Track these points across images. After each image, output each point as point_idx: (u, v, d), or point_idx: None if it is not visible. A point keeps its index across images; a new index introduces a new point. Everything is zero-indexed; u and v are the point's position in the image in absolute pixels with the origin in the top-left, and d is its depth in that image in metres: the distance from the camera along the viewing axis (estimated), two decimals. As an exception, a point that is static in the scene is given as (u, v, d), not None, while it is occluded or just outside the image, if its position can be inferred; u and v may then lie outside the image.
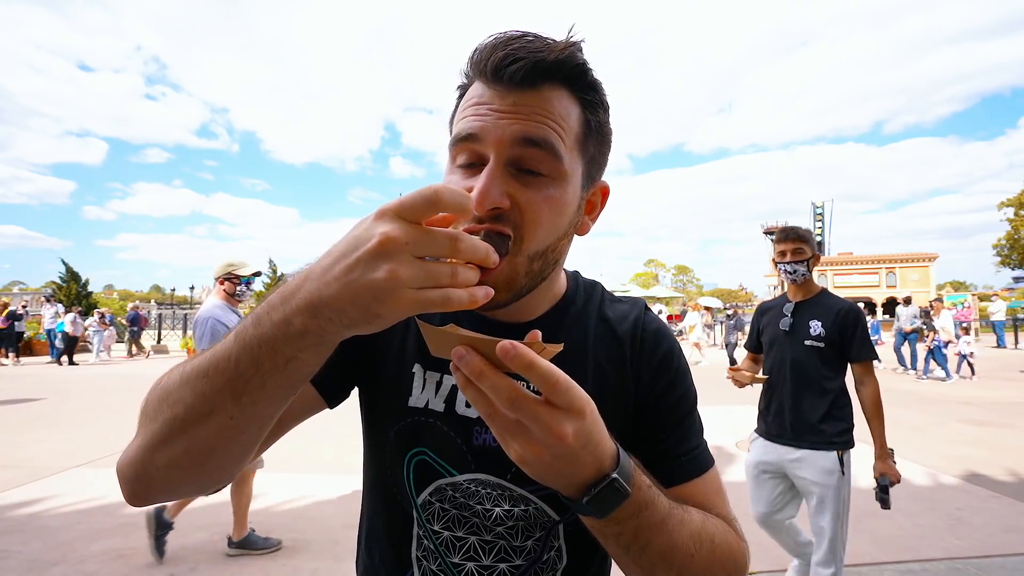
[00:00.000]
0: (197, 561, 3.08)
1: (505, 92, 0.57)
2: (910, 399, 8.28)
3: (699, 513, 0.62)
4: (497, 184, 0.56)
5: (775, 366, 2.61)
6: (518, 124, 0.56)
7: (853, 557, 3.09)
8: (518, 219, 0.58)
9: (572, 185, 0.61)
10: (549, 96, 0.58)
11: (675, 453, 0.70)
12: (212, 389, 0.46)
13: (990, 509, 3.81)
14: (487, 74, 0.58)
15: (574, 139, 0.61)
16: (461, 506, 0.68)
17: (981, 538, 3.33)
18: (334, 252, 0.41)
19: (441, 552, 0.69)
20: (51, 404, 7.94)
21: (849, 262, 32.42)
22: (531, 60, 0.56)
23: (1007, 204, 34.16)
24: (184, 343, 16.48)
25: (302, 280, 0.42)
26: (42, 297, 23.64)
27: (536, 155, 0.57)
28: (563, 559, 0.70)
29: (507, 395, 0.41)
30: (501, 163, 0.57)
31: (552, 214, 0.59)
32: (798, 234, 2.54)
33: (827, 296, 2.57)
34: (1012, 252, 34.24)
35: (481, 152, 0.58)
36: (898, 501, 3.97)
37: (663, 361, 0.73)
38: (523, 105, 0.57)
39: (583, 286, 0.79)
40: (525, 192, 0.57)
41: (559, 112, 0.59)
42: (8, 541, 3.33)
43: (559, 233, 0.62)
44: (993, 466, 4.76)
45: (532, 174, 0.58)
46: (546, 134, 0.57)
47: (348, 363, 0.73)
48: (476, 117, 0.58)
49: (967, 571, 2.93)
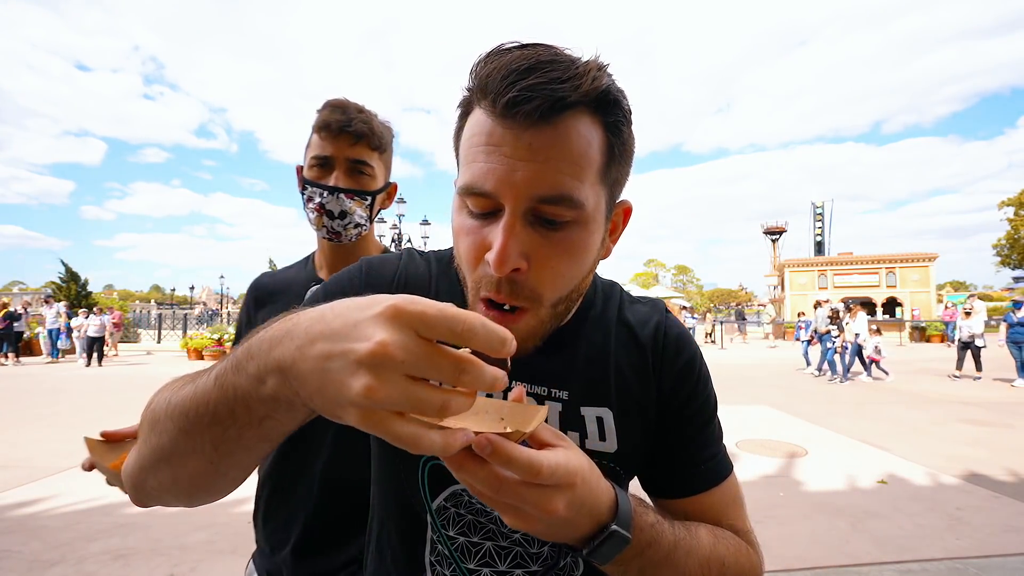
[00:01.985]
0: (197, 561, 3.08)
1: (519, 131, 0.51)
2: (910, 399, 8.28)
3: (709, 534, 0.62)
4: (516, 243, 0.52)
5: None
6: (534, 177, 0.51)
7: (853, 557, 3.09)
8: (533, 277, 0.54)
9: (596, 222, 0.57)
10: (568, 130, 0.52)
11: (695, 461, 0.69)
12: (192, 430, 0.45)
13: (990, 509, 3.80)
14: (497, 108, 0.51)
15: (596, 172, 0.55)
16: (477, 511, 0.67)
17: (981, 538, 3.32)
18: (327, 318, 0.37)
19: (456, 558, 0.67)
20: (51, 404, 7.93)
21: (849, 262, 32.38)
22: (552, 98, 0.49)
23: (1007, 204, 34.15)
24: (184, 343, 16.45)
25: (286, 331, 0.39)
26: (42, 297, 23.63)
27: (555, 209, 0.53)
28: (580, 565, 0.68)
29: (490, 485, 0.42)
30: (518, 216, 0.52)
31: (574, 262, 0.56)
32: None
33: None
34: (1012, 252, 34.22)
35: (495, 204, 0.54)
36: (898, 501, 3.96)
37: (685, 368, 0.71)
38: (542, 147, 0.51)
39: (601, 288, 0.77)
40: (545, 247, 0.54)
41: (580, 148, 0.52)
42: (8, 541, 3.33)
43: (583, 274, 0.59)
44: (993, 466, 4.75)
45: (552, 224, 0.54)
46: (564, 188, 0.52)
47: None
48: (487, 164, 0.52)
49: (967, 571, 2.92)
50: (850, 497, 4.05)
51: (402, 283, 0.72)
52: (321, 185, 1.13)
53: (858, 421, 6.59)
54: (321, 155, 1.14)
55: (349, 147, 1.13)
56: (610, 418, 0.67)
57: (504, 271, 0.52)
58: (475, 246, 0.55)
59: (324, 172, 1.15)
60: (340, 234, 1.16)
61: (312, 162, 1.15)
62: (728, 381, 9.60)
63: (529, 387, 0.67)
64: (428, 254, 0.77)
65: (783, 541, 3.26)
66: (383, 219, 13.92)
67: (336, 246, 1.20)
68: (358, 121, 1.13)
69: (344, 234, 1.16)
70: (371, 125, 1.15)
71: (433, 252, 0.78)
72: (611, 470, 0.67)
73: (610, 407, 0.68)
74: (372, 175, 1.18)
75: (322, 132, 1.13)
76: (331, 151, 1.13)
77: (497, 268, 0.52)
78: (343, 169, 1.15)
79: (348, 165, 1.15)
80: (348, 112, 1.14)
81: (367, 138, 1.14)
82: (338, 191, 1.13)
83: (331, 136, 1.13)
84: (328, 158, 1.14)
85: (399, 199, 14.05)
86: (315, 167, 1.15)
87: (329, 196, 1.13)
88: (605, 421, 0.67)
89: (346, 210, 1.14)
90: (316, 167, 1.15)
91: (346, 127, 1.12)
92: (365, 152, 1.16)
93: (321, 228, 1.16)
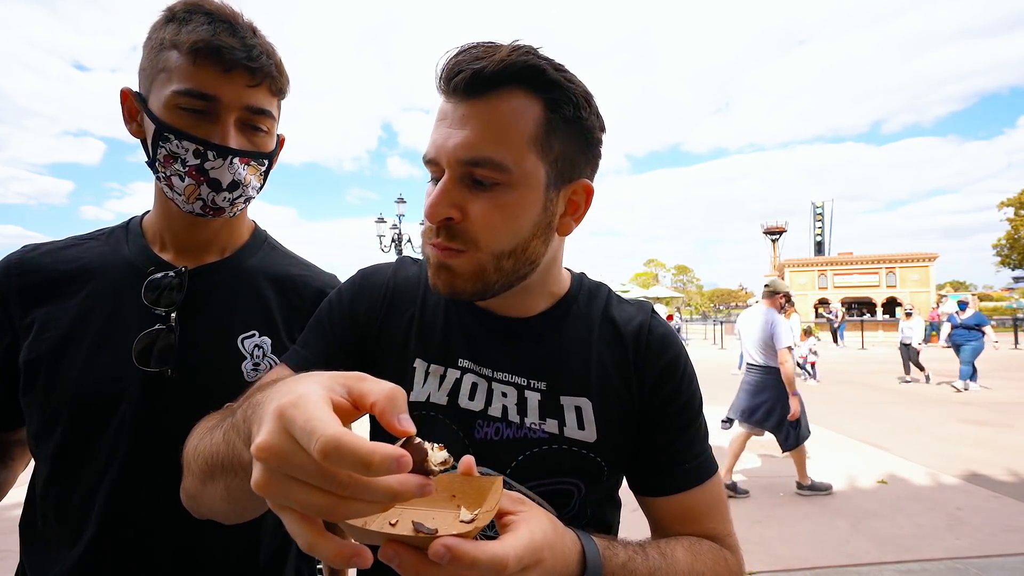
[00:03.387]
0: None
1: (457, 103, 0.61)
2: (911, 399, 8.28)
3: (686, 554, 0.64)
4: (446, 198, 0.61)
5: None
6: (461, 142, 0.60)
7: (853, 557, 3.09)
8: (469, 227, 0.62)
9: (529, 187, 0.63)
10: (498, 103, 0.60)
11: (680, 459, 0.71)
12: (210, 477, 0.52)
13: (990, 509, 3.80)
14: (441, 87, 0.62)
15: (528, 140, 0.61)
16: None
17: (981, 538, 3.33)
18: (276, 397, 0.38)
19: None
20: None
21: (849, 262, 32.39)
22: (471, 70, 0.59)
23: (1007, 204, 34.18)
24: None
25: (260, 402, 0.41)
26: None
27: (480, 171, 0.61)
28: None
29: None
30: (454, 178, 0.61)
31: (506, 218, 0.62)
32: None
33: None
34: (1012, 252, 34.25)
35: (441, 167, 0.63)
36: (898, 501, 3.97)
37: (669, 366, 0.73)
38: (471, 116, 0.60)
39: (587, 287, 0.80)
40: (476, 202, 0.62)
41: (506, 119, 0.60)
42: (8, 541, 3.31)
43: (524, 234, 0.64)
44: (993, 466, 4.75)
45: (483, 184, 0.61)
46: (486, 152, 0.60)
47: (345, 354, 0.74)
48: (434, 135, 0.63)
49: (967, 571, 2.92)
50: (850, 497, 4.05)
51: (391, 291, 0.76)
52: (204, 142, 0.77)
53: (858, 421, 6.59)
54: (197, 91, 0.75)
55: (244, 89, 0.78)
56: (589, 408, 0.69)
57: (434, 219, 0.61)
58: (426, 205, 0.64)
59: (202, 121, 0.77)
60: (224, 210, 0.83)
61: (177, 99, 0.76)
62: (729, 381, 9.61)
63: (508, 376, 0.70)
64: (421, 260, 0.81)
65: (783, 541, 3.27)
66: (383, 219, 13.89)
67: (201, 223, 0.86)
68: (258, 51, 0.78)
69: (229, 210, 0.84)
70: (274, 58, 0.82)
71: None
72: (593, 462, 0.68)
73: (589, 397, 0.70)
74: (270, 131, 0.85)
75: (199, 56, 0.75)
76: (216, 91, 0.76)
77: (428, 216, 0.62)
78: (235, 120, 0.79)
79: (243, 115, 0.80)
80: (240, 32, 0.78)
81: (271, 79, 0.81)
82: (233, 152, 0.79)
83: (216, 68, 0.76)
84: (211, 99, 0.76)
85: (399, 199, 14.00)
86: (185, 111, 0.76)
87: (217, 158, 0.78)
88: (584, 411, 0.69)
89: (239, 180, 0.81)
90: (187, 112, 0.76)
91: (243, 59, 0.76)
92: (266, 98, 0.82)
93: (194, 200, 0.80)
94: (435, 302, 0.76)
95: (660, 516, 0.72)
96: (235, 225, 0.92)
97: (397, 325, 0.74)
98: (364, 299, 0.76)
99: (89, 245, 0.88)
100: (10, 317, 0.81)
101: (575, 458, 0.68)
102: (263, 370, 0.85)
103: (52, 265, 0.83)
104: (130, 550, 0.79)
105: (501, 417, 0.69)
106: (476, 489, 0.47)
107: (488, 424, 0.69)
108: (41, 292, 0.82)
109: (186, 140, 0.76)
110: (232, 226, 0.91)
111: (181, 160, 0.77)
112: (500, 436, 0.68)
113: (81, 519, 0.78)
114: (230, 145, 0.78)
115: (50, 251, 0.86)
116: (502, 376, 0.71)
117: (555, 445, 0.68)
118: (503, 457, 0.68)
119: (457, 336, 0.73)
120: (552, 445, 0.68)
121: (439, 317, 0.74)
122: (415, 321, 0.74)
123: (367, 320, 0.74)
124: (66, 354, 0.79)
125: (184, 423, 0.73)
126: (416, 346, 0.73)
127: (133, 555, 0.79)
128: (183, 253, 0.87)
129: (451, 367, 0.71)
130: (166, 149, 0.77)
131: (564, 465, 0.68)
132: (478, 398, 0.70)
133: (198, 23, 0.76)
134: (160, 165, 0.79)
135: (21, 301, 0.81)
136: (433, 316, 0.75)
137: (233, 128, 0.79)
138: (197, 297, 0.84)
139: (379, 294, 0.76)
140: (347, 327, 0.74)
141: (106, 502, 0.77)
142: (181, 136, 0.76)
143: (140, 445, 0.78)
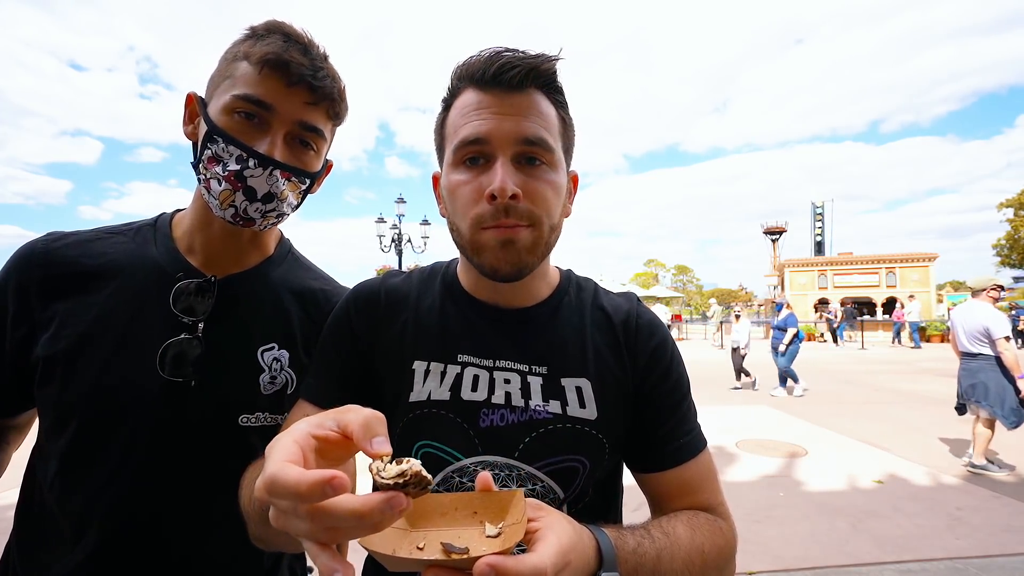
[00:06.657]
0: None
1: (503, 95, 0.68)
2: (911, 399, 8.29)
3: (686, 528, 0.67)
4: (511, 177, 0.67)
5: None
6: (519, 125, 0.68)
7: (853, 557, 3.09)
8: (530, 202, 0.68)
9: (561, 170, 0.73)
10: (535, 98, 0.70)
11: (674, 435, 0.76)
12: (259, 521, 0.58)
13: (990, 509, 3.80)
14: (486, 80, 0.69)
15: (556, 133, 0.72)
16: (469, 490, 0.70)
17: (981, 538, 3.33)
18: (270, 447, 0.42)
19: None
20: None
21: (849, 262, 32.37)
22: (525, 67, 0.68)
23: (1007, 204, 34.16)
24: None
25: (269, 450, 0.44)
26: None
27: (536, 150, 0.69)
28: None
29: None
30: (509, 158, 0.68)
31: (553, 194, 0.71)
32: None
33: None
34: (1012, 252, 34.25)
35: (488, 152, 0.68)
36: (898, 501, 3.97)
37: (658, 348, 0.79)
38: (520, 106, 0.68)
39: (575, 281, 0.86)
40: (530, 181, 0.69)
41: (544, 110, 0.71)
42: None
43: (560, 211, 0.74)
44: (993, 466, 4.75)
45: (534, 163, 0.70)
46: (540, 131, 0.69)
47: (357, 375, 0.77)
48: (481, 121, 0.68)
49: (967, 571, 2.93)
50: (850, 497, 4.05)
51: (383, 302, 0.81)
52: (248, 149, 0.77)
53: (858, 421, 6.59)
54: (255, 98, 0.77)
55: (302, 106, 0.80)
56: (588, 388, 0.74)
57: (506, 196, 0.65)
58: (473, 190, 0.69)
59: (254, 129, 0.78)
60: (254, 221, 0.82)
61: (235, 103, 0.77)
62: (728, 381, 9.60)
63: (511, 364, 0.74)
64: (412, 271, 0.88)
65: (783, 541, 3.27)
66: (383, 219, 13.88)
67: (235, 232, 0.86)
68: (324, 74, 0.81)
69: (259, 223, 0.83)
70: (338, 84, 0.84)
71: (417, 268, 0.91)
72: (595, 439, 0.73)
73: (588, 378, 0.75)
74: (319, 152, 0.86)
75: (266, 67, 0.77)
76: (275, 101, 0.78)
77: (500, 194, 0.65)
78: (286, 133, 0.80)
79: (294, 130, 0.81)
80: (311, 54, 0.80)
81: (331, 102, 0.83)
82: (275, 165, 0.78)
83: (280, 80, 0.77)
84: (268, 108, 0.78)
85: (399, 199, 13.99)
86: (240, 116, 0.77)
87: (258, 167, 0.78)
88: (584, 390, 0.74)
89: (276, 193, 0.80)
90: (241, 117, 0.77)
91: (308, 76, 0.78)
92: (321, 118, 0.83)
93: (227, 207, 0.79)
94: (429, 304, 0.80)
95: (659, 491, 0.77)
96: (266, 235, 0.94)
97: (393, 333, 0.78)
98: (360, 316, 0.80)
99: (116, 240, 0.86)
100: (29, 309, 0.80)
101: (579, 435, 0.72)
102: (279, 384, 0.87)
103: (77, 259, 0.82)
104: (138, 554, 0.79)
105: (505, 404, 0.73)
106: (496, 503, 0.48)
107: (493, 412, 0.72)
108: (64, 285, 0.80)
109: (232, 145, 0.77)
110: (263, 236, 0.93)
111: (223, 164, 0.78)
112: (505, 422, 0.72)
113: (87, 518, 0.78)
114: (275, 157, 0.78)
115: (76, 243, 0.84)
116: (504, 365, 0.75)
117: (560, 424, 0.72)
118: (510, 441, 0.71)
119: (456, 332, 0.77)
120: (557, 424, 0.72)
121: (435, 318, 0.78)
122: (409, 325, 0.78)
123: (365, 334, 0.78)
124: (84, 352, 0.78)
125: (199, 431, 0.74)
126: (414, 349, 0.76)
127: (141, 559, 0.79)
128: (212, 259, 0.87)
129: (451, 363, 0.75)
130: (211, 151, 0.78)
131: (569, 443, 0.72)
132: (481, 389, 0.73)
133: (274, 40, 0.79)
134: (203, 167, 0.80)
135: (42, 293, 0.80)
136: (429, 317, 0.79)
137: (282, 141, 0.80)
138: (223, 307, 0.85)
139: (373, 308, 0.80)
140: (350, 346, 0.78)
141: (116, 504, 0.77)
142: (228, 140, 0.77)
143: (155, 450, 0.78)
